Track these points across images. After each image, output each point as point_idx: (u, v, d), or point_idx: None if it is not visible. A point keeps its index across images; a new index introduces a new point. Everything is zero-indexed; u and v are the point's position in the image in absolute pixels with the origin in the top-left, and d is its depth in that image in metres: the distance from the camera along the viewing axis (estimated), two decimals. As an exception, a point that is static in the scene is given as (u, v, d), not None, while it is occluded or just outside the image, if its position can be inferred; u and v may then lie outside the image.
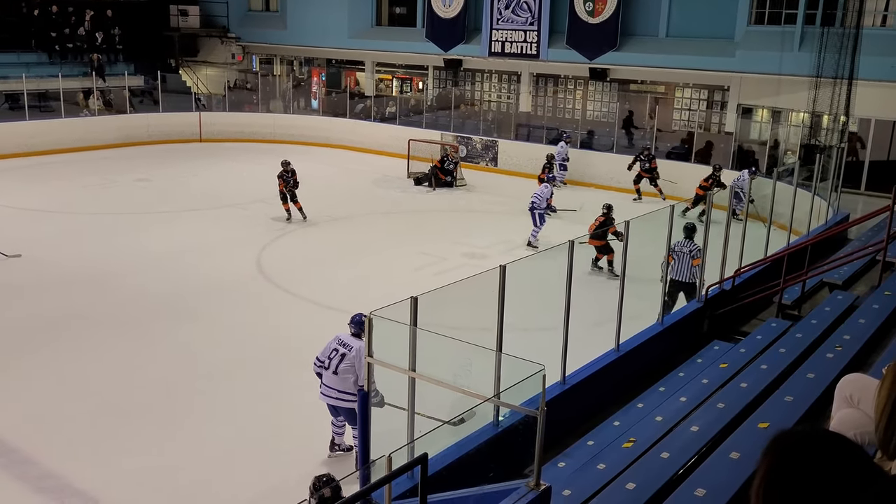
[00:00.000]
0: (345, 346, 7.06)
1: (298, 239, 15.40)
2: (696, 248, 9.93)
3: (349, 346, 7.06)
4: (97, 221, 16.02)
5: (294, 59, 31.45)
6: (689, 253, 9.95)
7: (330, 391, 7.11)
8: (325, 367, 7.11)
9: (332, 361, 7.07)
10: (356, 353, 6.98)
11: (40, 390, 8.76)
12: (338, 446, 7.47)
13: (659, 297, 9.12)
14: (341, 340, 7.12)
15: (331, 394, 7.11)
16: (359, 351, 6.95)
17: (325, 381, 7.16)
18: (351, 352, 7.02)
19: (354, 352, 6.99)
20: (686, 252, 9.99)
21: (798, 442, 1.57)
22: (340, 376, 7.02)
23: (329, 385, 7.11)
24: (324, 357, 7.19)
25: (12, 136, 21.86)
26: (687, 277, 9.98)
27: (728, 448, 5.20)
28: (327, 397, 7.16)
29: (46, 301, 11.46)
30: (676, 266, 10.04)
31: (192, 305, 11.57)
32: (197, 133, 25.50)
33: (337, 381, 7.04)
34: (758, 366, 7.13)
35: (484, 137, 23.51)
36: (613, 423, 6.81)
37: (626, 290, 8.18)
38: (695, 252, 9.93)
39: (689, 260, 9.94)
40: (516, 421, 5.52)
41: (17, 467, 7.26)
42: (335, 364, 7.04)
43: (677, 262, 10.04)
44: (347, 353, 7.02)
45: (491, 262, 8.15)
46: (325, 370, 7.11)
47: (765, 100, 20.58)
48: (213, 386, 8.99)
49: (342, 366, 7.01)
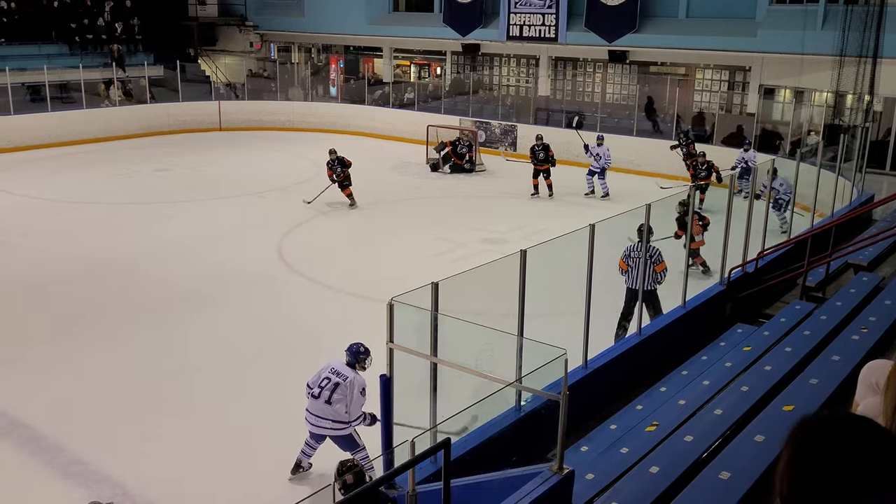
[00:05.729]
0: (338, 376, 6.72)
1: (318, 226, 15.45)
2: (657, 252, 8.82)
3: (344, 376, 6.72)
4: (119, 211, 16.15)
5: (312, 46, 31.44)
6: (650, 258, 8.74)
7: (321, 421, 6.76)
8: (316, 395, 6.74)
9: (324, 391, 6.70)
10: (349, 384, 6.68)
11: (66, 379, 8.87)
12: (302, 468, 7.07)
13: (681, 282, 8.98)
14: (335, 369, 6.78)
15: (323, 424, 6.76)
16: (352, 383, 6.68)
17: (313, 409, 6.78)
18: (345, 381, 6.70)
19: (348, 382, 6.69)
20: (642, 257, 8.76)
21: (824, 426, 1.55)
22: (333, 406, 6.69)
23: (318, 414, 6.75)
24: (314, 385, 6.82)
25: (35, 128, 22.08)
26: (646, 285, 8.67)
27: (752, 431, 5.17)
28: (317, 427, 6.79)
29: (70, 291, 11.58)
30: (633, 274, 8.92)
31: (214, 293, 11.65)
32: (217, 122, 25.61)
33: (329, 412, 6.71)
34: (782, 348, 7.08)
35: (503, 122, 23.41)
36: (636, 407, 6.79)
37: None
38: (656, 256, 8.80)
39: (649, 266, 8.71)
40: (539, 405, 5.51)
41: (46, 454, 7.38)
42: (328, 394, 6.69)
43: (633, 270, 8.91)
44: (341, 383, 6.69)
45: (511, 247, 8.12)
46: (315, 399, 6.74)
47: (787, 80, 20.29)
48: (236, 372, 9.06)
49: (335, 396, 6.69)
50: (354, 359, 6.82)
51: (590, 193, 18.01)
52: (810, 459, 1.51)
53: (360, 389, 6.72)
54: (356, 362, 6.82)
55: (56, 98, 23.45)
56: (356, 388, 6.70)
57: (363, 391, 6.73)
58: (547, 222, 14.79)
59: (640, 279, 8.68)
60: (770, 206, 12.37)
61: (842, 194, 13.77)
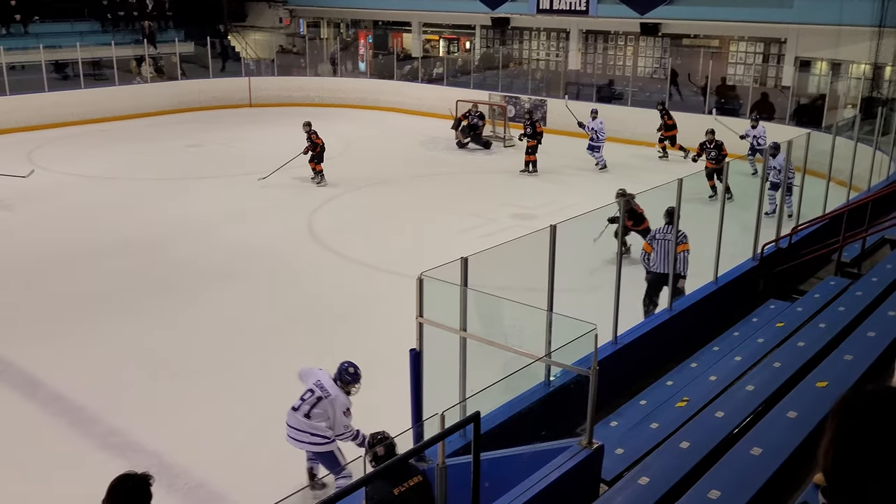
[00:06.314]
0: (322, 391, 6.48)
1: (348, 202, 15.49)
2: (682, 234, 8.52)
3: (328, 392, 6.47)
4: (151, 187, 16.33)
5: (341, 21, 31.33)
6: (675, 239, 8.43)
7: (300, 434, 6.45)
8: (296, 408, 6.46)
9: (304, 404, 6.43)
10: (331, 402, 6.42)
11: (102, 352, 9.04)
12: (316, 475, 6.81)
13: (712, 257, 8.87)
14: (320, 383, 6.53)
15: (301, 438, 6.47)
16: (333, 401, 6.41)
17: (291, 422, 6.47)
18: (328, 398, 6.42)
19: (330, 400, 6.43)
20: (670, 239, 8.56)
21: (869, 401, 1.53)
22: (312, 421, 6.41)
23: (297, 427, 6.45)
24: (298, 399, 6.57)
25: (68, 105, 22.32)
26: (671, 269, 8.42)
27: (785, 407, 5.12)
28: (296, 441, 6.50)
29: (104, 266, 11.75)
30: (658, 256, 8.87)
31: (246, 268, 11.77)
32: (247, 98, 25.70)
33: (307, 425, 6.42)
34: (816, 324, 6.99)
35: (532, 97, 23.21)
36: (666, 382, 6.75)
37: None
38: (681, 237, 8.50)
39: (672, 248, 8.46)
40: (568, 380, 5.50)
41: (84, 425, 7.54)
42: (307, 407, 6.41)
43: (659, 252, 8.83)
44: (324, 399, 6.44)
45: (540, 222, 8.05)
46: (294, 411, 6.46)
47: (824, 52, 19.85)
48: (268, 346, 9.17)
49: (315, 410, 6.41)
50: (339, 377, 6.53)
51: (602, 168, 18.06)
52: (855, 434, 1.50)
53: (344, 409, 6.42)
54: (341, 380, 6.50)
55: (89, 75, 23.66)
56: (338, 408, 6.40)
57: (347, 411, 6.43)
58: (577, 197, 14.71)
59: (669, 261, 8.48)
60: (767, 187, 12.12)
61: (879, 168, 13.50)
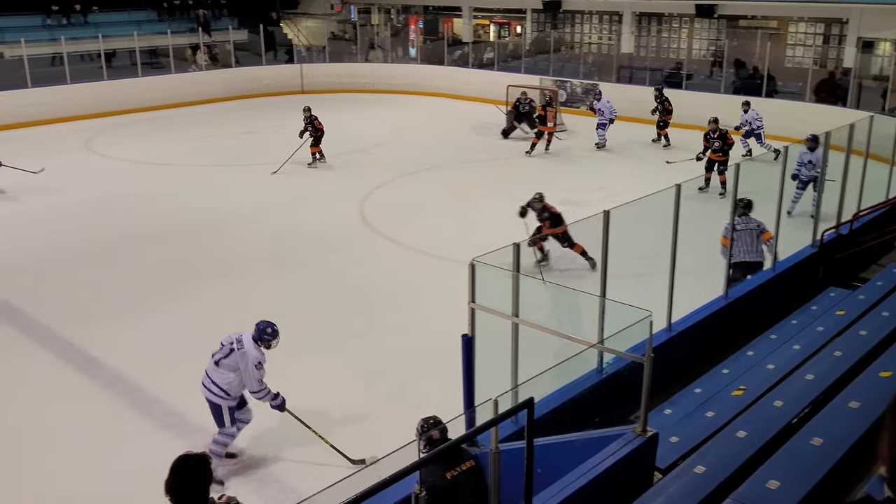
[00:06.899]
0: (238, 343, 6.58)
1: (398, 188, 15.55)
2: (762, 223, 8.73)
3: (241, 345, 6.56)
4: (206, 173, 16.61)
5: (391, 7, 31.37)
6: (757, 228, 8.70)
7: (206, 381, 6.60)
8: (212, 357, 6.62)
9: (219, 353, 6.60)
10: (243, 354, 6.49)
11: (162, 335, 9.24)
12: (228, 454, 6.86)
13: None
14: (239, 338, 6.60)
15: (206, 383, 6.59)
16: (245, 354, 6.49)
17: (207, 369, 6.64)
18: (240, 350, 6.52)
19: (241, 353, 6.50)
20: (752, 228, 8.71)
21: None
22: (219, 371, 6.53)
23: (208, 373, 6.61)
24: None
25: (126, 93, 22.78)
26: (756, 257, 8.70)
27: (846, 397, 5.01)
28: (203, 387, 6.62)
29: (161, 250, 12.01)
30: (740, 246, 8.77)
31: (299, 254, 11.91)
32: (299, 85, 25.92)
33: (215, 373, 6.55)
34: (878, 313, 6.81)
35: (584, 81, 22.95)
36: (722, 370, 6.65)
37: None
38: (763, 226, 8.71)
39: (755, 237, 8.67)
40: (621, 367, 5.45)
41: (144, 405, 7.74)
42: (220, 356, 6.57)
43: (740, 242, 8.76)
44: (236, 351, 6.51)
45: (591, 208, 7.97)
46: (211, 360, 6.62)
47: (888, 32, 19.21)
48: (321, 331, 9.27)
49: (226, 360, 6.52)
50: (259, 335, 6.59)
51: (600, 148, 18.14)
52: None
53: (256, 363, 6.49)
54: (260, 339, 6.58)
55: (146, 63, 24.12)
56: (251, 361, 6.48)
57: (258, 365, 6.51)
58: (629, 183, 14.52)
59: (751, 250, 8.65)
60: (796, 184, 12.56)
61: (946, 153, 13.02)
